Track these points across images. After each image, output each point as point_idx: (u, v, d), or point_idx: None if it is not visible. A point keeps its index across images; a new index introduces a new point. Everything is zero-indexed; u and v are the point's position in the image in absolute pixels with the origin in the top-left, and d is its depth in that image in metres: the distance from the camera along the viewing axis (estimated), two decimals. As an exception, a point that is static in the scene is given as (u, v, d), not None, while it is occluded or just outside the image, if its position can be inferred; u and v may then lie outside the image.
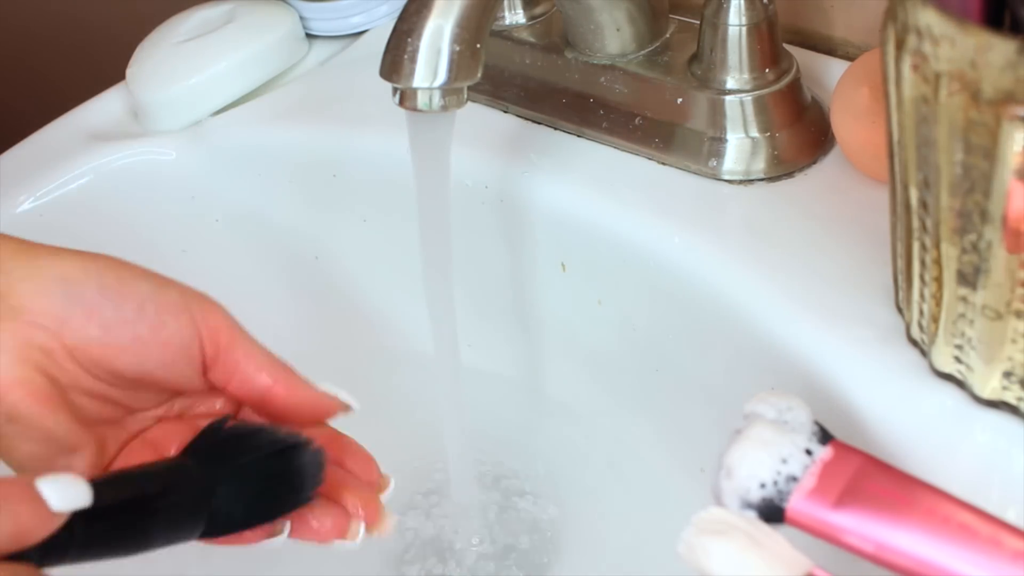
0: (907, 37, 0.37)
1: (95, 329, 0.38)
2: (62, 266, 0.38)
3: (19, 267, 0.38)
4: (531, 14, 0.62)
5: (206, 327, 0.40)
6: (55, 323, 0.37)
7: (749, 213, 0.53)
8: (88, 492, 0.33)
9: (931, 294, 0.41)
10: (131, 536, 0.35)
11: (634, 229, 0.54)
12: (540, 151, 0.58)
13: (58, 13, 1.10)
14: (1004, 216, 0.36)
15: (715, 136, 0.55)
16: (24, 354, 0.37)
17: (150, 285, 0.39)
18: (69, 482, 0.33)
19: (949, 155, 0.37)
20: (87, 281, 0.38)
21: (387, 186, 0.62)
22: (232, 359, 0.40)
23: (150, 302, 0.39)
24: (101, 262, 0.39)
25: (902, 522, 0.35)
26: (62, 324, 0.38)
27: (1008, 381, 0.41)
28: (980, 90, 0.35)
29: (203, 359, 0.40)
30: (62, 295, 0.38)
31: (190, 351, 0.40)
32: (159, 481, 0.37)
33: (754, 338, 0.49)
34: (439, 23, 0.47)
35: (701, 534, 0.35)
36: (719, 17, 0.53)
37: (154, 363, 0.39)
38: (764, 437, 0.36)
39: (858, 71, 0.52)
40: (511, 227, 0.59)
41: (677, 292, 0.53)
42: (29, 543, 0.31)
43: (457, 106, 0.48)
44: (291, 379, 0.41)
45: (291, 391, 0.41)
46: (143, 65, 0.67)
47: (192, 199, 0.66)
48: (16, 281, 0.38)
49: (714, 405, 0.53)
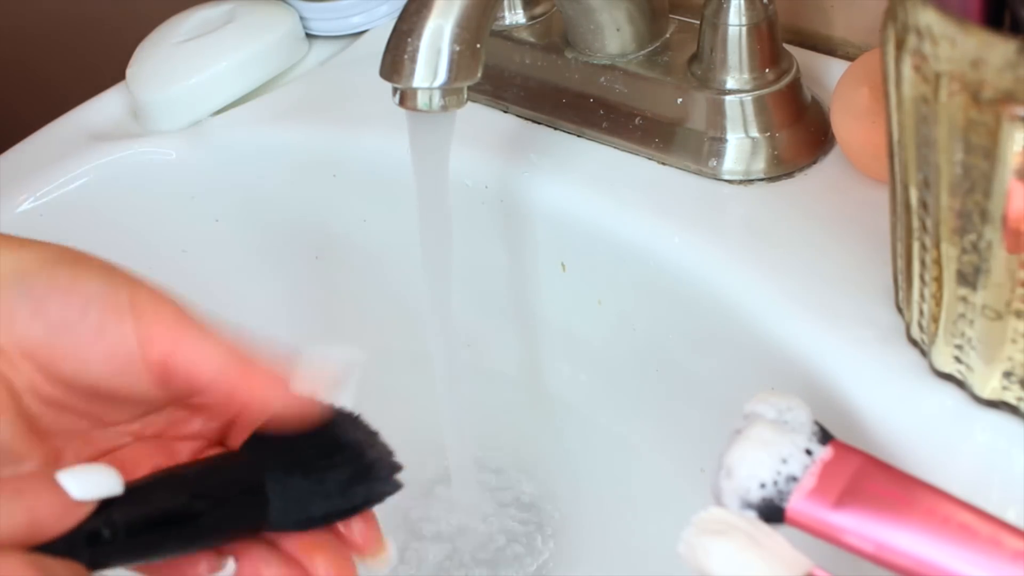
0: (907, 37, 0.37)
1: (39, 328, 0.35)
2: (21, 259, 0.35)
3: None
4: (531, 14, 0.62)
5: (147, 335, 0.35)
6: (6, 318, 0.35)
7: (749, 213, 0.53)
8: (118, 480, 0.32)
9: (931, 294, 0.41)
10: (180, 533, 0.34)
11: (634, 229, 0.54)
12: (540, 151, 0.58)
13: (58, 13, 1.10)
14: (1004, 216, 0.36)
15: (715, 136, 0.55)
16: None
17: (101, 284, 0.35)
18: (95, 471, 0.32)
19: (949, 155, 0.37)
20: (39, 274, 0.35)
21: (387, 186, 0.62)
22: (182, 370, 0.35)
23: (97, 301, 0.35)
24: (60, 255, 0.36)
25: (902, 522, 0.35)
26: (12, 320, 0.35)
27: (1008, 381, 0.41)
28: (980, 90, 0.35)
29: (152, 365, 0.35)
30: (15, 289, 0.35)
31: (133, 362, 0.35)
32: (209, 476, 0.35)
33: (754, 338, 0.49)
34: (439, 23, 0.47)
35: (701, 534, 0.35)
36: (719, 17, 0.53)
37: (100, 372, 0.35)
38: (764, 437, 0.36)
39: (858, 71, 0.52)
40: (511, 227, 0.59)
41: (677, 292, 0.53)
42: (50, 534, 0.31)
43: (457, 106, 0.48)
44: (242, 363, 0.36)
45: (242, 379, 0.36)
46: (143, 65, 0.67)
47: (192, 199, 0.66)
48: None
49: (714, 405, 0.53)
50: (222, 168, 0.66)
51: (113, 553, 0.32)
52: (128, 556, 0.33)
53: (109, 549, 0.32)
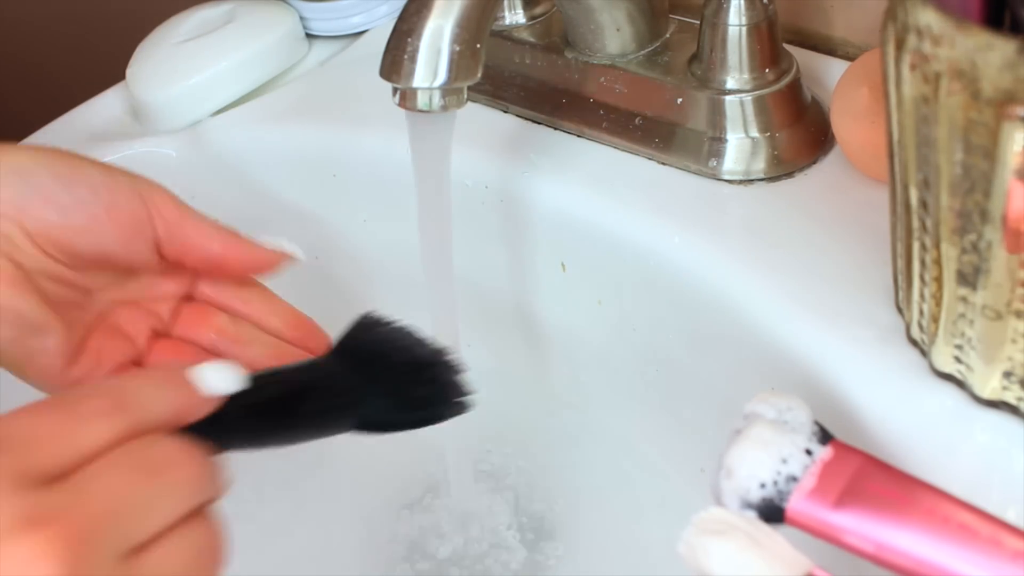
0: (907, 37, 0.37)
1: (53, 213, 0.40)
2: (16, 158, 0.40)
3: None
4: (531, 14, 0.62)
5: (154, 206, 0.42)
6: (15, 210, 0.40)
7: (749, 213, 0.53)
8: (237, 376, 0.36)
9: (931, 294, 0.41)
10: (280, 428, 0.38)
11: (634, 229, 0.54)
12: (540, 151, 0.58)
13: (58, 13, 1.10)
14: (1004, 216, 0.36)
15: (715, 136, 0.55)
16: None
17: (100, 171, 0.42)
18: (223, 369, 0.36)
19: (949, 155, 0.37)
20: (41, 170, 0.40)
21: (387, 186, 0.62)
22: (182, 232, 0.43)
23: (102, 186, 0.41)
24: (53, 154, 0.41)
25: (902, 522, 0.35)
26: (21, 211, 0.40)
27: (1008, 381, 0.41)
28: (980, 90, 0.35)
29: (155, 236, 0.42)
30: (19, 183, 0.40)
31: (143, 228, 0.42)
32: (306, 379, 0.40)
33: (754, 338, 0.49)
34: (439, 23, 0.47)
35: (701, 534, 0.35)
36: (719, 17, 0.53)
37: (111, 241, 0.41)
38: (764, 437, 0.36)
39: (858, 71, 0.52)
40: (511, 227, 0.59)
41: (677, 292, 0.53)
42: (187, 422, 0.35)
43: (457, 106, 0.48)
44: (237, 240, 0.44)
45: (237, 251, 0.44)
46: (143, 65, 0.67)
47: (192, 199, 0.65)
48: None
49: (714, 405, 0.53)
50: (222, 168, 0.66)
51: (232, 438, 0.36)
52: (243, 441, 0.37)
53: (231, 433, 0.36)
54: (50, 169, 0.41)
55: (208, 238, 0.44)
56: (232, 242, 0.44)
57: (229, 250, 0.44)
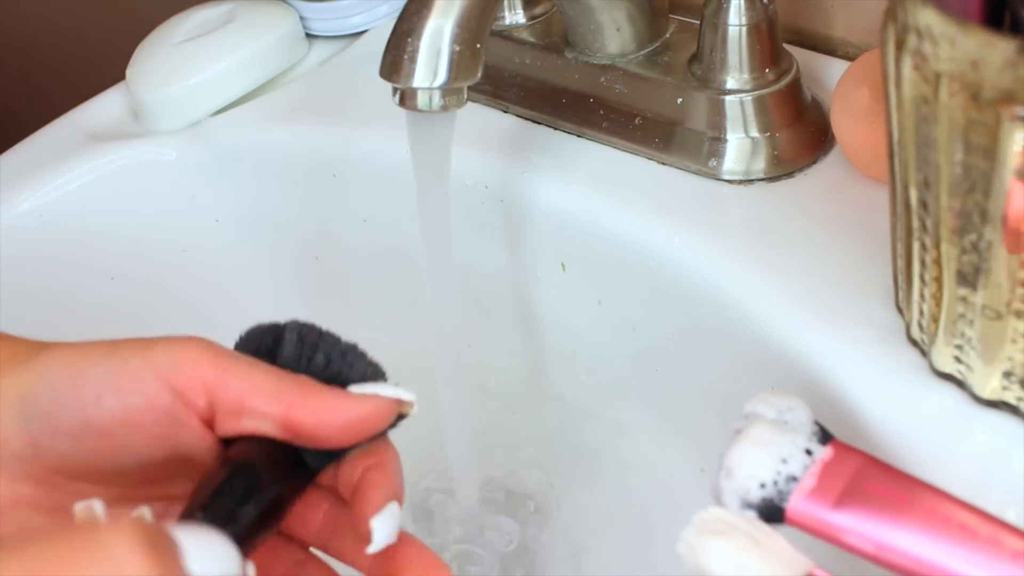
0: (907, 37, 0.37)
1: (63, 443, 0.34)
2: (21, 381, 0.34)
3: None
4: (531, 14, 0.62)
5: (183, 379, 0.34)
6: (31, 449, 0.34)
7: (749, 213, 0.53)
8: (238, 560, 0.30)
9: (931, 294, 0.41)
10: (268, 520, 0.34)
11: (634, 229, 0.54)
12: (540, 151, 0.58)
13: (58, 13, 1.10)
14: (1004, 216, 0.36)
15: (715, 136, 0.55)
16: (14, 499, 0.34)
17: (104, 368, 0.34)
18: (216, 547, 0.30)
19: (949, 155, 0.37)
20: (41, 392, 0.34)
21: (387, 186, 0.62)
22: (230, 398, 0.34)
23: (106, 389, 0.34)
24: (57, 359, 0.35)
25: (902, 522, 0.35)
26: (36, 448, 0.34)
27: (1008, 381, 0.41)
28: (980, 90, 0.35)
29: (198, 415, 0.35)
30: (23, 417, 0.34)
31: (175, 416, 0.34)
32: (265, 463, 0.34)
33: (754, 338, 0.49)
34: (439, 23, 0.47)
35: (701, 534, 0.35)
36: (719, 17, 0.53)
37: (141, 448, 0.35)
38: (764, 437, 0.36)
39: (858, 71, 0.52)
40: (511, 227, 0.59)
41: (677, 292, 0.53)
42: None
43: (457, 106, 0.48)
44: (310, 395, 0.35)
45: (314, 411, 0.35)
46: (143, 65, 0.67)
47: (192, 199, 0.66)
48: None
49: (714, 405, 0.53)
50: (222, 168, 0.65)
51: None
52: None
53: None
54: (49, 388, 0.34)
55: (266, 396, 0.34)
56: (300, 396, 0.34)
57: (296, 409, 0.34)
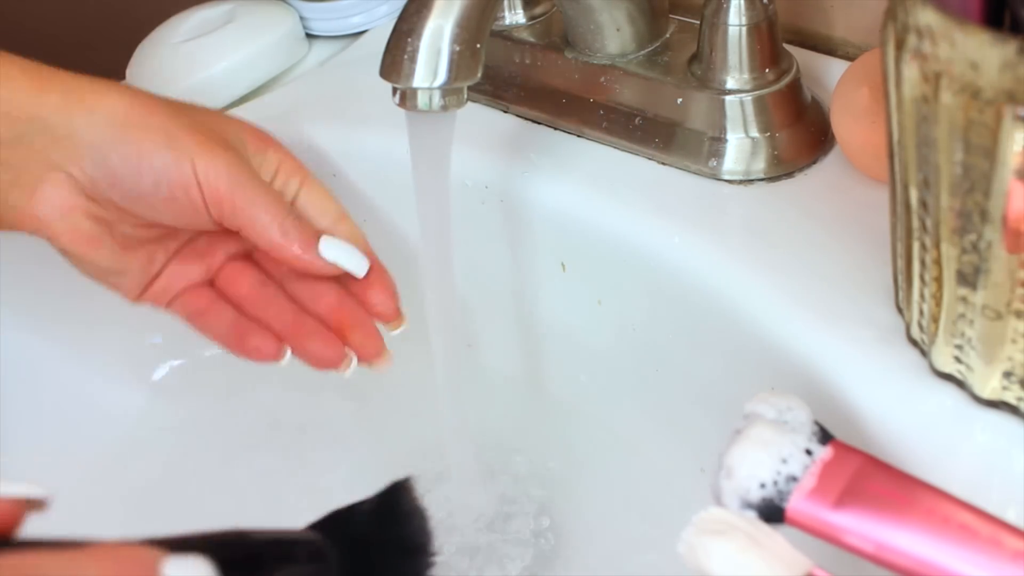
0: (907, 37, 0.37)
1: (116, 194, 0.46)
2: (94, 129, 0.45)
3: (59, 125, 0.45)
4: (531, 14, 0.62)
5: (209, 186, 0.45)
6: (90, 182, 0.45)
7: (749, 213, 0.53)
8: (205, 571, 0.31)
9: (931, 294, 0.41)
10: None
11: (634, 229, 0.54)
12: (540, 151, 0.58)
13: (57, 12, 1.10)
14: (1004, 216, 0.36)
15: (715, 136, 0.55)
16: (70, 203, 0.45)
17: (162, 160, 0.45)
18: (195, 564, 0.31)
19: (949, 155, 0.37)
20: (111, 150, 0.45)
21: (387, 186, 0.62)
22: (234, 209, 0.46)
23: (163, 178, 0.45)
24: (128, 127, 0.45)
25: (902, 522, 0.35)
26: (94, 184, 0.45)
27: (1008, 381, 0.41)
28: (980, 90, 0.35)
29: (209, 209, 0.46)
30: (90, 160, 0.45)
31: (196, 207, 0.46)
32: None
33: (754, 338, 0.49)
34: (439, 23, 0.47)
35: (701, 534, 0.35)
36: (719, 17, 0.53)
37: (170, 219, 0.47)
38: (764, 437, 0.36)
39: (858, 71, 0.52)
40: (511, 227, 0.59)
41: (677, 292, 0.53)
42: None
43: (457, 106, 0.48)
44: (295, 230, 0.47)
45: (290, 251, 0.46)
46: (143, 65, 0.67)
47: (192, 199, 0.66)
48: (58, 140, 0.45)
49: (714, 405, 0.53)
50: (222, 168, 0.65)
51: None
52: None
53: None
54: (121, 154, 0.45)
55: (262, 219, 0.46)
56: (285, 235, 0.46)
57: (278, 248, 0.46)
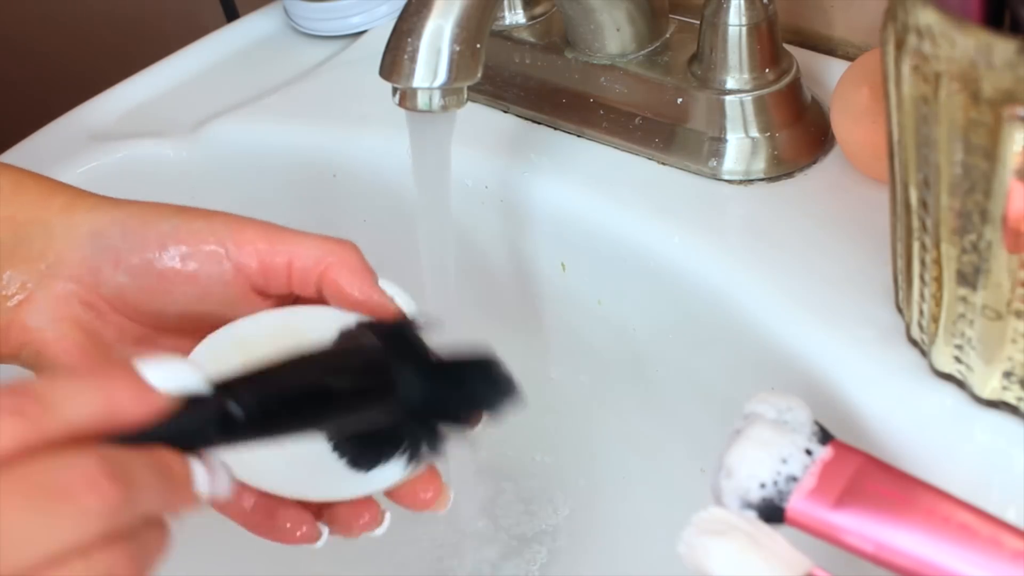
0: (907, 37, 0.37)
1: (123, 276, 0.39)
2: (95, 219, 0.40)
3: (60, 224, 0.40)
4: (531, 14, 0.62)
5: (237, 245, 0.40)
6: (89, 275, 0.39)
7: (749, 213, 0.53)
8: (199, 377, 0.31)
9: (931, 294, 0.41)
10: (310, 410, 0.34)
11: (634, 229, 0.54)
12: (540, 151, 0.58)
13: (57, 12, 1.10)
14: (1004, 216, 0.36)
15: (715, 136, 0.55)
16: (62, 312, 0.39)
17: (171, 224, 0.40)
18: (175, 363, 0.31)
19: (949, 155, 0.37)
20: (113, 229, 0.40)
21: (387, 186, 0.62)
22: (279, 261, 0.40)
23: (171, 239, 0.39)
24: (131, 208, 0.40)
25: (902, 522, 0.35)
26: (95, 276, 0.39)
27: (1008, 381, 0.41)
28: (980, 90, 0.35)
29: (248, 279, 0.40)
30: (91, 247, 0.40)
31: (224, 276, 0.40)
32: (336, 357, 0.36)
33: (754, 338, 0.49)
34: (439, 23, 0.47)
35: (701, 534, 0.35)
36: (719, 17, 0.53)
37: (187, 298, 0.40)
38: (764, 437, 0.36)
39: (858, 71, 0.52)
40: (511, 227, 0.59)
41: (677, 292, 0.53)
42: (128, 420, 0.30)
43: (457, 106, 0.48)
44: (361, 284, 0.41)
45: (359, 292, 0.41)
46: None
47: (192, 199, 0.66)
48: (56, 239, 0.40)
49: (714, 405, 0.53)
50: (222, 168, 0.65)
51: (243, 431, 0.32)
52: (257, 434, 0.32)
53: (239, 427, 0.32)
54: (121, 227, 0.40)
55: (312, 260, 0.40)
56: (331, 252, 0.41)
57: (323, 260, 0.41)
